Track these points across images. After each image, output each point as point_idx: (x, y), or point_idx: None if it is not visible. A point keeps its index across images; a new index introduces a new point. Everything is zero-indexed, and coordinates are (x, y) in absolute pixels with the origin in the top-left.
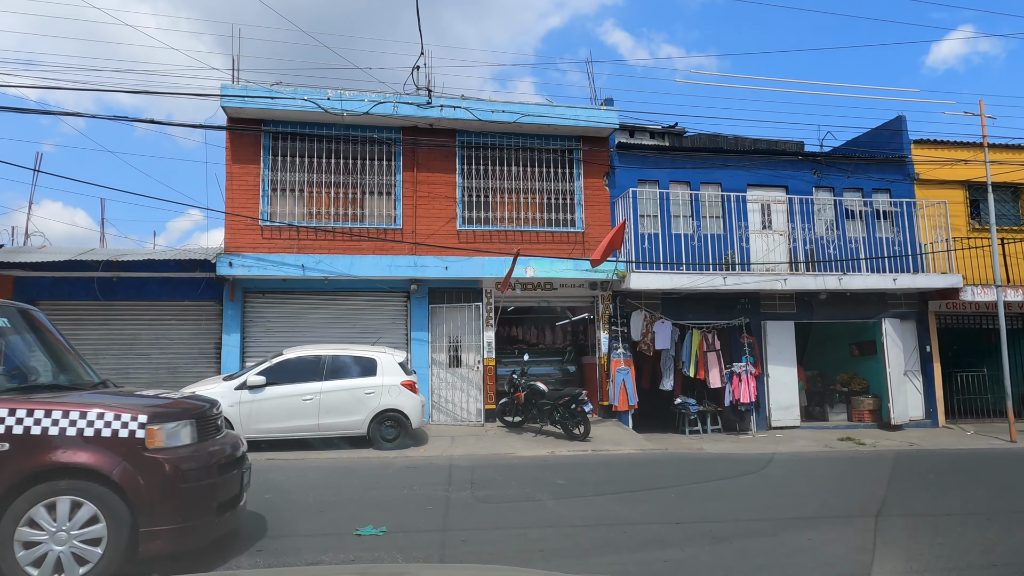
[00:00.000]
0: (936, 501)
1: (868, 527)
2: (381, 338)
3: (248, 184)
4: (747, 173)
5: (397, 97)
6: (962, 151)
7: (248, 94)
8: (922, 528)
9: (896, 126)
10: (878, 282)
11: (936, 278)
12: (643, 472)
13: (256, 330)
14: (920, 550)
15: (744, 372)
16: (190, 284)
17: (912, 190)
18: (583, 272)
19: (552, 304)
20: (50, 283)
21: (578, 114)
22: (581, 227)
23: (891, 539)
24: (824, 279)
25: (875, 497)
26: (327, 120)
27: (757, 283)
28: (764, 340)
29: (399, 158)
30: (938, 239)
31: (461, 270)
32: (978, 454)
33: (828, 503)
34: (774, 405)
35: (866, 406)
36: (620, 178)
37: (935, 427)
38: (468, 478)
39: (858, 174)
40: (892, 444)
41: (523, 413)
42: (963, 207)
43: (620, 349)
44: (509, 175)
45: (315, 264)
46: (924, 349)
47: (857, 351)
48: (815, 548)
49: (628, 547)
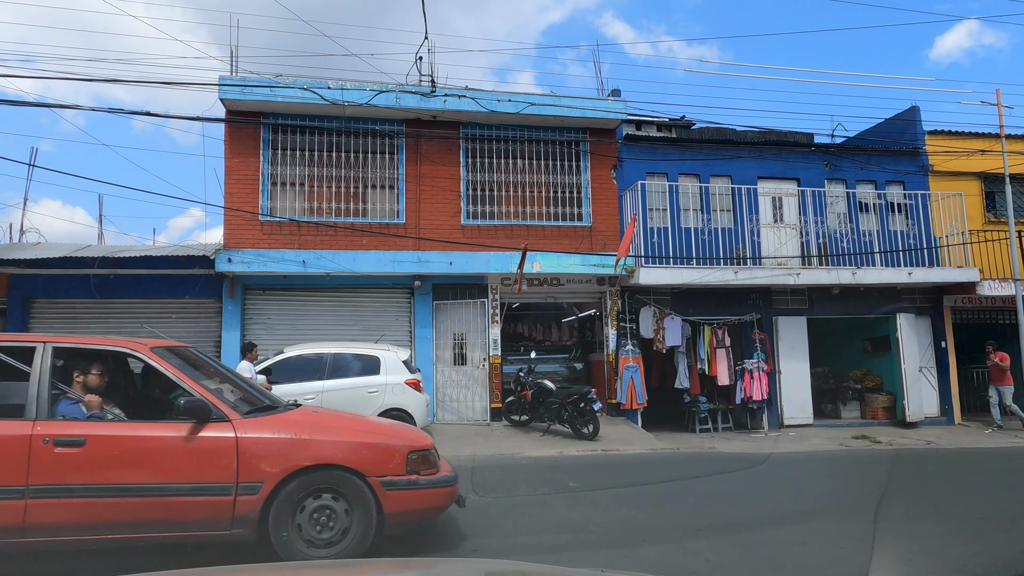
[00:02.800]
0: (969, 504)
1: (901, 531)
2: (384, 335)
3: (247, 178)
4: (757, 165)
5: (399, 87)
6: (978, 141)
7: (247, 84)
8: (963, 534)
9: (910, 116)
10: (893, 276)
11: (952, 272)
12: (657, 473)
13: (256, 328)
14: (964, 560)
15: (756, 369)
16: (189, 281)
17: (926, 182)
18: (591, 267)
19: (559, 300)
20: (45, 280)
21: (585, 104)
22: (588, 221)
23: (932, 546)
24: (838, 273)
25: (904, 499)
26: (328, 112)
27: (769, 277)
28: (776, 336)
29: (402, 151)
30: (953, 232)
31: (466, 265)
32: (1000, 453)
33: (855, 506)
34: (786, 402)
35: (880, 403)
36: (628, 171)
37: (951, 424)
38: (476, 480)
39: (871, 166)
40: (909, 442)
41: (530, 412)
42: (978, 199)
43: (629, 346)
44: (514, 168)
45: (316, 260)
46: (939, 345)
47: (870, 347)
48: (849, 557)
49: (648, 557)
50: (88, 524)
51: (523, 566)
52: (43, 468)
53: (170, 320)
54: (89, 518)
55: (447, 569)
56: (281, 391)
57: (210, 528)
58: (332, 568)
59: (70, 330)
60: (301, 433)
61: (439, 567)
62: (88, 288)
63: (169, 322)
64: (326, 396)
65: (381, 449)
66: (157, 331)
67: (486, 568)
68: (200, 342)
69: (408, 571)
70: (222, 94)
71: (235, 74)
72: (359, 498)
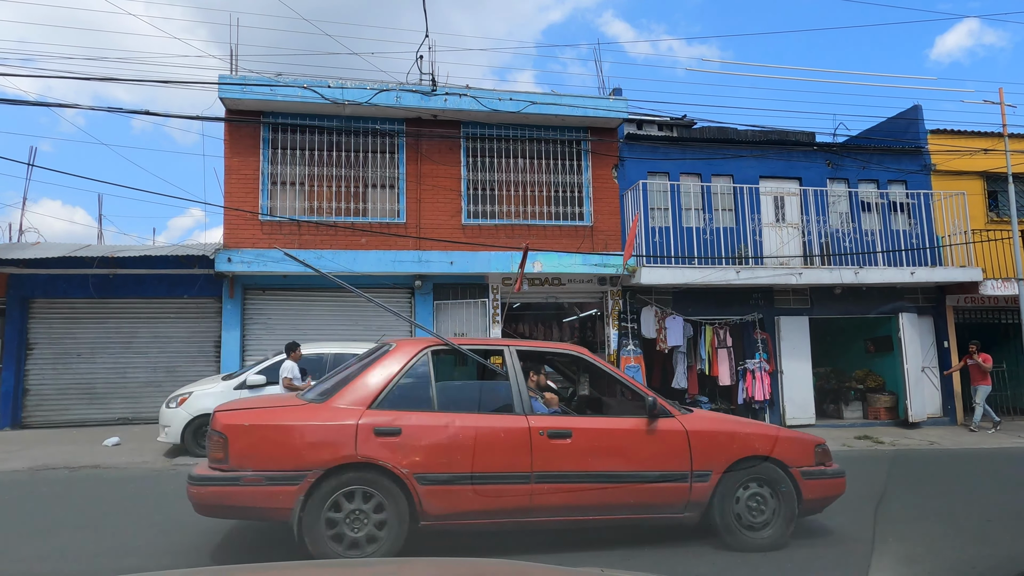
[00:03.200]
0: (974, 504)
1: (906, 532)
2: (385, 335)
3: (247, 178)
4: (759, 165)
5: (400, 86)
6: (980, 140)
7: (247, 82)
8: (968, 534)
9: (912, 115)
10: (895, 275)
11: (955, 271)
12: None
13: (256, 328)
14: (971, 562)
15: (758, 369)
16: (188, 281)
17: (929, 181)
18: (592, 267)
19: (560, 300)
20: (44, 280)
21: (586, 103)
22: (589, 220)
23: (939, 547)
24: (840, 272)
25: (908, 500)
26: (328, 112)
27: (771, 277)
28: (778, 336)
29: (402, 151)
30: (956, 231)
31: (467, 265)
32: (1004, 453)
33: (860, 507)
34: (788, 403)
35: (882, 403)
36: (629, 170)
37: (954, 425)
38: None
39: (873, 165)
40: (912, 443)
41: None
42: (981, 198)
43: (630, 346)
44: (515, 167)
45: (316, 260)
46: (941, 345)
47: (872, 347)
48: (856, 558)
49: (669, 560)
50: (576, 507)
51: (523, 566)
52: (542, 457)
53: (170, 320)
54: (578, 501)
55: (447, 568)
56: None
57: (668, 512)
58: (333, 567)
59: (68, 330)
60: (731, 428)
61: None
62: (87, 288)
63: (169, 322)
64: None
65: (796, 442)
66: (157, 331)
67: (486, 567)
68: (200, 342)
69: (408, 570)
70: (222, 93)
71: (235, 73)
72: (783, 485)
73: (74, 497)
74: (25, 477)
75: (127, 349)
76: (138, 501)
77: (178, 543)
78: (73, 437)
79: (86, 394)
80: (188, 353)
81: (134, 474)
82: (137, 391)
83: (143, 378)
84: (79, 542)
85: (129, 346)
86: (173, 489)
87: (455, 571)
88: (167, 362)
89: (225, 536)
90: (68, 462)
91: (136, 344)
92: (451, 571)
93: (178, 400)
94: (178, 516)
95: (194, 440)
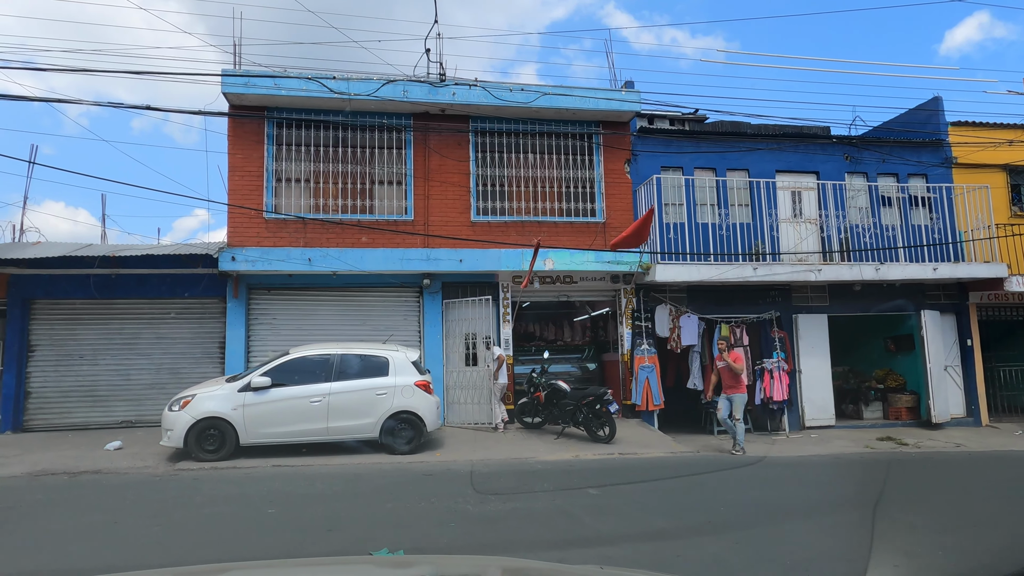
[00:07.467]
0: (1013, 510)
1: (947, 544)
2: (393, 335)
3: (251, 174)
4: (775, 158)
5: (407, 79)
6: (1003, 132)
7: (250, 75)
8: (1004, 540)
9: (932, 107)
10: (917, 272)
11: (979, 267)
12: (679, 479)
13: (261, 328)
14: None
15: (776, 368)
16: (192, 280)
17: (950, 175)
18: (604, 264)
19: (571, 298)
20: (46, 281)
21: (598, 95)
22: (602, 216)
23: (972, 550)
24: (860, 269)
25: (942, 506)
26: (333, 107)
27: (789, 274)
28: (796, 334)
29: (410, 146)
30: (979, 226)
31: (476, 263)
32: None
33: (902, 518)
34: (807, 403)
35: (904, 403)
36: (642, 165)
37: (978, 426)
38: (491, 487)
39: (892, 158)
40: (937, 445)
41: (543, 414)
42: (1004, 192)
43: (644, 345)
44: (525, 163)
45: (322, 258)
46: (964, 343)
47: (893, 345)
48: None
49: (669, 560)
50: None
51: (523, 563)
52: None
53: (173, 321)
54: None
55: (446, 566)
56: (287, 393)
57: None
58: (332, 566)
59: (70, 331)
60: None
61: (438, 563)
62: (89, 288)
63: (172, 323)
64: (333, 398)
65: None
66: (160, 332)
67: (485, 564)
68: (204, 343)
69: (407, 568)
70: (225, 88)
71: (238, 67)
72: None
73: (72, 504)
74: (23, 483)
75: (130, 350)
76: (137, 509)
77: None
78: (75, 441)
79: (88, 397)
80: (192, 354)
81: (135, 479)
82: (140, 393)
83: (146, 380)
84: (73, 554)
85: (132, 347)
86: (174, 496)
87: (455, 568)
88: (170, 363)
89: (224, 547)
90: (69, 467)
91: (139, 345)
92: (451, 568)
93: (181, 403)
94: (178, 524)
95: (197, 444)
